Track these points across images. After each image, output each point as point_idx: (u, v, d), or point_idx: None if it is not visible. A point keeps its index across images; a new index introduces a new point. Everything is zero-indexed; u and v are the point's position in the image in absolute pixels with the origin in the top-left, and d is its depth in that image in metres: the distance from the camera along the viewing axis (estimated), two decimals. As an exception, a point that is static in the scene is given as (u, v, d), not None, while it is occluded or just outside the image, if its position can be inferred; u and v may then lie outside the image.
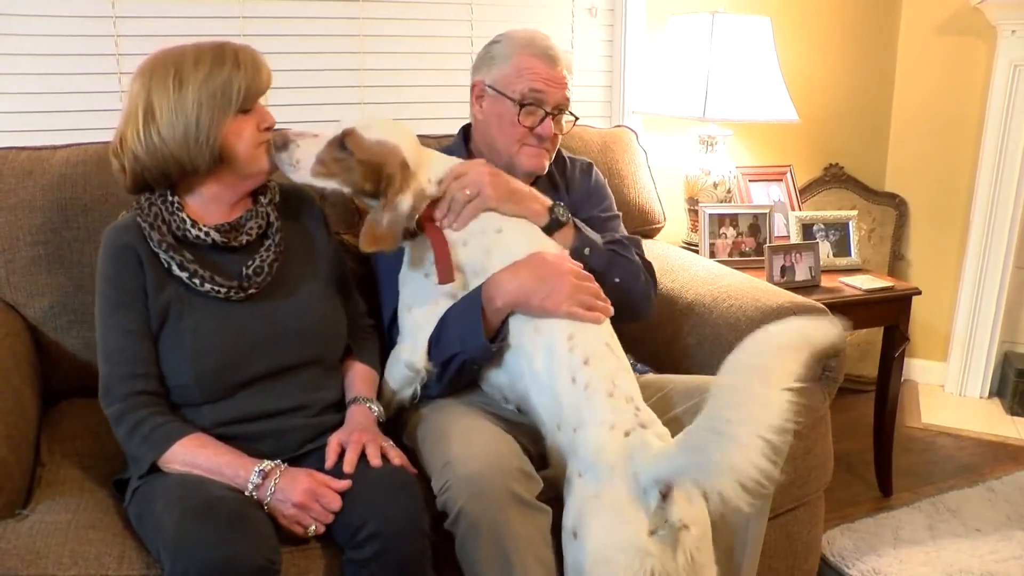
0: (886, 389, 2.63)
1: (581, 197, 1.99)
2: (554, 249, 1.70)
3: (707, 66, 2.64)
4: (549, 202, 1.74)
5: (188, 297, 1.55)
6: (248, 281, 1.57)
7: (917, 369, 3.51)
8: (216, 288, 1.54)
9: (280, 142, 1.58)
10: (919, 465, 2.88)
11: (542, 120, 1.83)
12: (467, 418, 1.64)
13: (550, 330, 1.59)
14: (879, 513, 2.55)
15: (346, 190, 1.62)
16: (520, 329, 1.62)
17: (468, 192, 1.65)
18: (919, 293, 2.61)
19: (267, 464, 1.45)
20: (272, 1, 2.44)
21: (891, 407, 2.64)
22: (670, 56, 2.80)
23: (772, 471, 1.27)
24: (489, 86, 1.86)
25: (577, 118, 1.92)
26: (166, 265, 1.54)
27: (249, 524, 1.36)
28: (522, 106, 1.82)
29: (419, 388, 1.72)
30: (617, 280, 1.77)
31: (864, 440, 2.76)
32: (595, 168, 2.08)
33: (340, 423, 1.61)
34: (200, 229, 1.56)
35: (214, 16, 2.38)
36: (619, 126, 2.73)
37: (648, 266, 1.90)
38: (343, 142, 1.59)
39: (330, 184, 1.61)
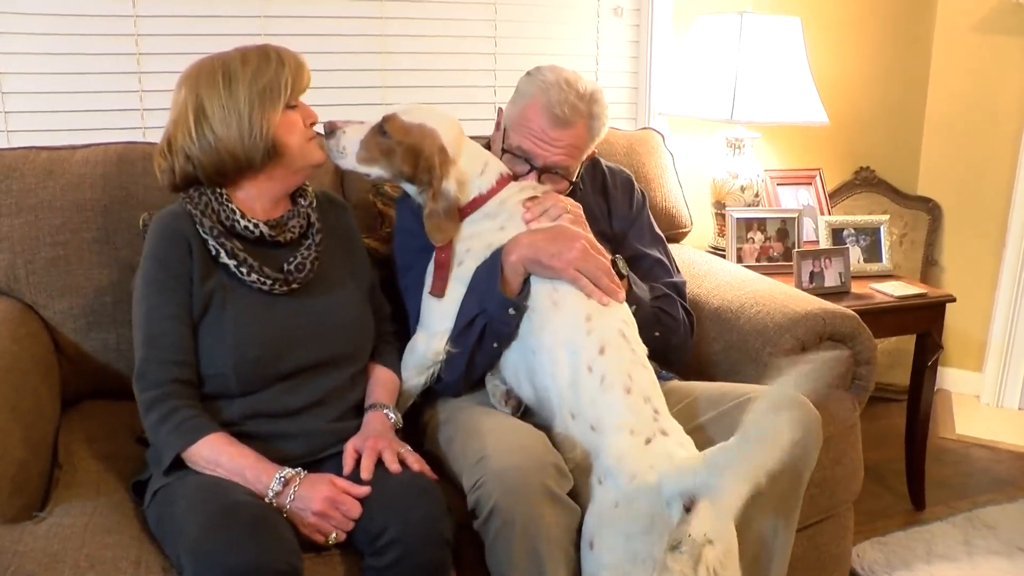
0: (918, 399, 2.60)
1: (624, 220, 2.02)
2: None
3: (735, 67, 2.63)
4: (609, 256, 1.76)
5: (232, 286, 1.59)
6: (292, 276, 1.62)
7: (951, 378, 3.47)
8: (262, 279, 1.59)
9: (328, 129, 1.71)
10: (953, 478, 2.85)
11: (527, 174, 1.82)
12: (497, 416, 1.67)
13: (567, 305, 1.62)
14: (911, 527, 2.52)
15: (387, 175, 1.72)
16: (539, 298, 1.65)
17: (570, 208, 1.73)
18: (953, 300, 2.58)
19: (288, 471, 1.47)
20: (295, 2, 2.46)
21: (924, 417, 2.62)
22: (697, 57, 2.79)
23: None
24: (506, 117, 1.89)
25: (572, 183, 1.88)
26: (214, 252, 1.58)
27: (272, 529, 1.37)
28: (505, 152, 1.84)
29: (433, 374, 1.75)
30: (657, 334, 1.83)
31: (895, 450, 2.73)
32: (636, 184, 2.09)
33: (359, 429, 1.62)
34: (249, 221, 1.61)
35: (235, 15, 2.41)
36: (645, 128, 2.72)
37: (689, 317, 1.96)
38: (383, 127, 1.69)
39: (373, 170, 1.72)
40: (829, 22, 3.10)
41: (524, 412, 1.73)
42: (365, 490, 1.47)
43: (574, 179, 1.89)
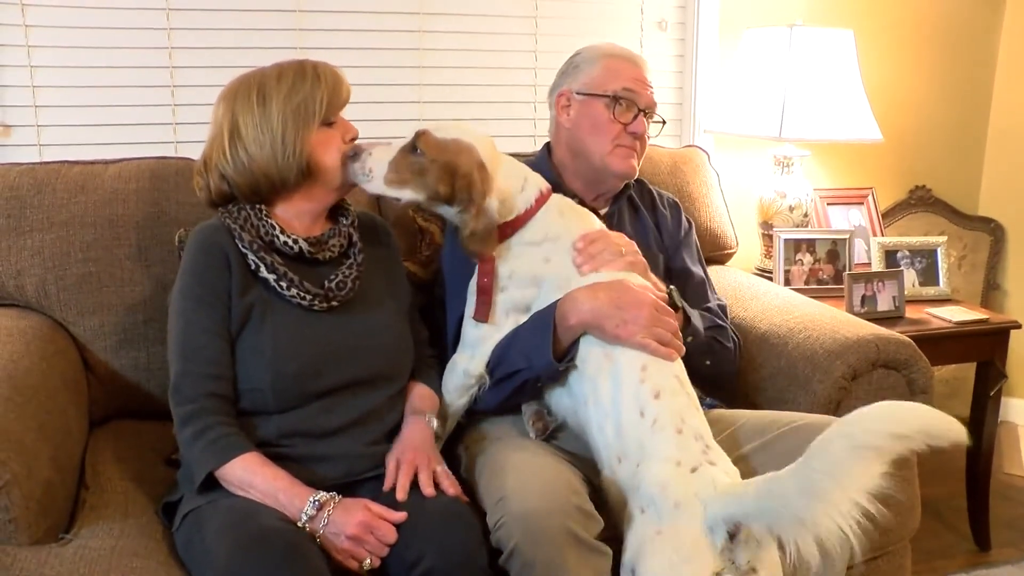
0: (980, 431, 2.56)
1: (673, 240, 2.05)
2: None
3: (784, 82, 2.63)
4: (665, 288, 1.79)
5: (271, 301, 1.62)
6: (332, 293, 1.65)
7: (1016, 410, 3.40)
8: (302, 294, 1.62)
9: (351, 152, 1.67)
10: (1022, 518, 2.78)
11: (635, 117, 1.92)
12: (525, 451, 1.66)
13: (623, 358, 1.61)
14: (976, 569, 2.48)
15: (421, 197, 1.68)
16: (590, 354, 1.64)
17: (624, 251, 1.73)
18: (1018, 326, 2.55)
19: (323, 495, 1.48)
20: (329, 14, 2.52)
21: (986, 451, 2.58)
22: (744, 72, 2.80)
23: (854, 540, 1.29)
24: (577, 92, 1.94)
25: (664, 122, 2.05)
26: (253, 267, 1.61)
27: (302, 557, 1.38)
28: (617, 100, 1.90)
29: (474, 395, 1.76)
30: (708, 363, 1.85)
31: (955, 486, 2.69)
32: (682, 209, 2.14)
33: None
34: (289, 236, 1.65)
35: (270, 28, 2.46)
36: (690, 146, 2.73)
37: (736, 340, 1.98)
38: (415, 145, 1.66)
39: (405, 193, 1.68)
40: (884, 34, 3.09)
41: (557, 428, 1.74)
42: (401, 516, 1.49)
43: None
